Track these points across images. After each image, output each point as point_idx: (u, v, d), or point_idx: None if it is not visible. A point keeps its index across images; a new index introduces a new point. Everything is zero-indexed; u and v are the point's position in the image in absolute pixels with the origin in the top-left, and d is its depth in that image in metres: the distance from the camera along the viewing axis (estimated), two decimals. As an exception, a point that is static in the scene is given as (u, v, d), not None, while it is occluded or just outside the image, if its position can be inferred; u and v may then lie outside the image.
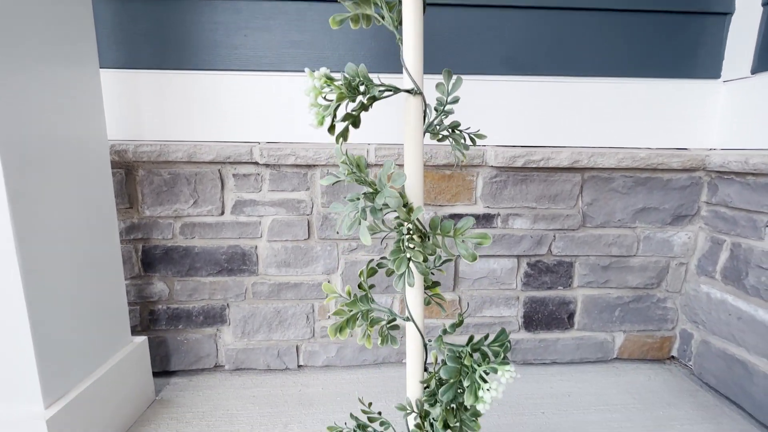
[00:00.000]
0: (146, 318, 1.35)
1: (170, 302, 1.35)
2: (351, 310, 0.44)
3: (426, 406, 0.47)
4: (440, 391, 0.39)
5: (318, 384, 1.36)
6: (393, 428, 0.50)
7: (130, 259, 1.30)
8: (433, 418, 0.46)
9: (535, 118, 1.32)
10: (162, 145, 1.22)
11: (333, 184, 0.39)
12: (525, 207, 1.35)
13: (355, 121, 0.37)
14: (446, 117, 0.49)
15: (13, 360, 0.86)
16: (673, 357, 1.50)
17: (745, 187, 1.20)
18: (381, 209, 0.36)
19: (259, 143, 1.27)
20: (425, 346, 0.47)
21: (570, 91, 1.32)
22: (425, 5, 0.44)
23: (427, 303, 0.53)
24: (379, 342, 0.51)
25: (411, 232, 0.37)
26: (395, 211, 0.38)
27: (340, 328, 0.44)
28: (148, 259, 1.31)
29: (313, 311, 1.38)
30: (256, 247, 1.33)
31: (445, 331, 0.42)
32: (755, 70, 1.22)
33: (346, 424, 0.53)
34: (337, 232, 0.63)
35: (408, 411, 0.46)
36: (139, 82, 1.25)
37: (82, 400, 0.96)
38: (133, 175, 1.26)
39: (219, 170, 1.27)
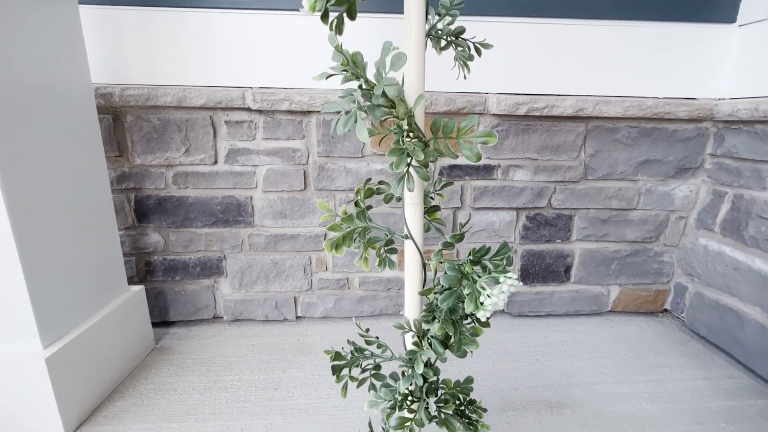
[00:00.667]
0: (143, 269, 1.35)
1: (166, 253, 1.34)
2: (348, 227, 0.42)
3: (424, 326, 0.47)
4: (440, 298, 0.38)
5: (316, 334, 1.38)
6: (390, 350, 0.50)
7: (123, 209, 1.28)
8: (432, 336, 0.45)
9: (539, 64, 1.27)
10: (150, 89, 1.17)
11: (327, 78, 0.36)
12: (526, 158, 1.32)
13: (351, 9, 0.33)
14: (450, 23, 0.45)
15: (9, 303, 0.85)
16: (666, 310, 1.52)
17: (753, 137, 1.17)
18: (379, 105, 0.33)
19: (251, 88, 1.21)
20: (424, 265, 0.46)
21: (576, 35, 1.25)
22: None
23: (426, 229, 0.51)
24: (377, 264, 0.50)
25: (410, 130, 0.34)
26: (393, 109, 0.35)
27: (336, 245, 0.42)
28: (142, 209, 1.29)
29: (311, 263, 1.38)
30: (252, 197, 1.30)
31: (445, 245, 0.41)
32: (774, 12, 1.16)
33: (343, 348, 0.53)
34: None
35: (406, 329, 0.45)
36: (122, 20, 1.17)
37: (80, 343, 0.96)
38: (121, 121, 1.21)
39: (211, 117, 1.23)
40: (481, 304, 0.36)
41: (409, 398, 0.47)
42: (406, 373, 0.45)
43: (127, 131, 1.22)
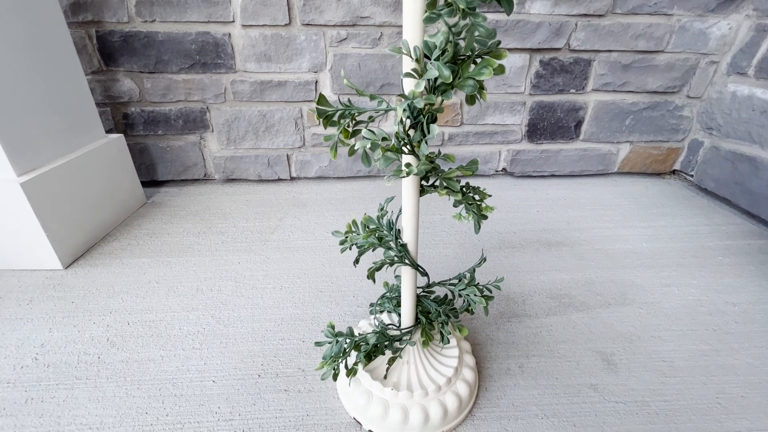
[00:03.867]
0: (121, 122, 1.25)
1: (143, 104, 1.22)
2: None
3: (427, 41, 0.38)
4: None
5: (311, 192, 1.34)
6: (386, 102, 0.42)
7: (86, 49, 1.13)
8: (436, 58, 0.37)
9: None
10: None
11: None
12: (547, -16, 1.12)
13: None
14: None
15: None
16: (674, 171, 1.46)
17: (825, -57, 0.97)
18: None
19: None
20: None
21: None
22: None
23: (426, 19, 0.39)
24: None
25: None
26: None
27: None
28: (107, 49, 1.14)
29: (302, 116, 1.27)
30: (230, 34, 1.14)
31: None
32: None
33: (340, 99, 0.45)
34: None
35: (403, 52, 0.37)
36: None
37: (57, 175, 0.91)
38: (59, -73, 0.99)
39: None
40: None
41: (407, 146, 0.41)
42: (401, 109, 0.38)
43: (70, -59, 1.01)
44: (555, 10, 1.15)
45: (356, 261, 0.56)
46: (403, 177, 0.42)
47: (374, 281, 0.55)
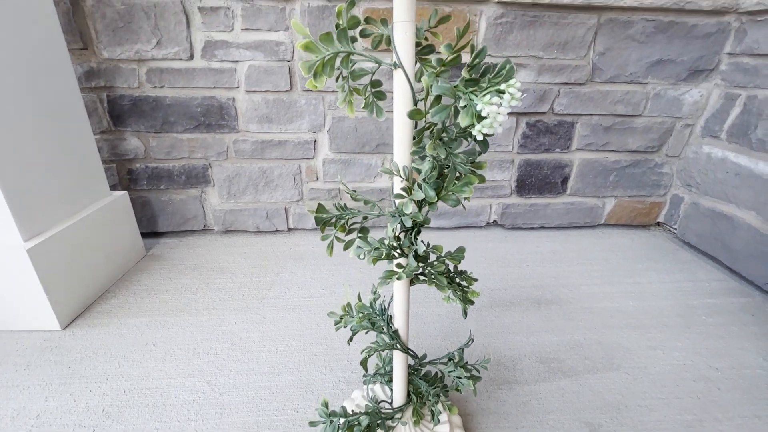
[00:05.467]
0: (125, 177, 1.29)
1: (148, 161, 1.28)
2: (327, 48, 0.36)
3: (414, 167, 0.42)
4: (431, 112, 0.33)
5: (308, 243, 1.37)
6: (379, 207, 0.46)
7: (96, 111, 1.19)
8: (423, 180, 0.41)
9: (553, -58, 1.11)
10: (108, -35, 1.02)
11: None
12: (531, 56, 1.21)
13: None
14: None
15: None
16: (659, 223, 1.52)
17: (779, 28, 1.07)
18: None
19: (225, -34, 1.06)
20: (415, 102, 0.40)
21: None
22: None
23: (418, 77, 0.45)
24: (362, 106, 0.45)
25: None
26: None
27: (315, 73, 0.37)
28: (116, 111, 1.20)
29: (301, 172, 1.33)
30: (234, 99, 1.21)
31: (442, 63, 0.35)
32: None
33: (328, 208, 0.49)
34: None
35: (394, 173, 0.41)
36: None
37: (62, 239, 0.94)
38: (80, 6, 1.08)
39: (182, 2, 1.09)
40: (479, 115, 0.31)
41: (398, 250, 0.45)
42: (393, 221, 0.42)
43: (89, 18, 1.09)
44: (539, 78, 1.24)
45: (350, 340, 0.58)
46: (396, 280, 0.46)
47: (366, 369, 0.58)
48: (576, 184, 1.42)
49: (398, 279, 0.43)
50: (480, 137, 0.32)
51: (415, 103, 0.40)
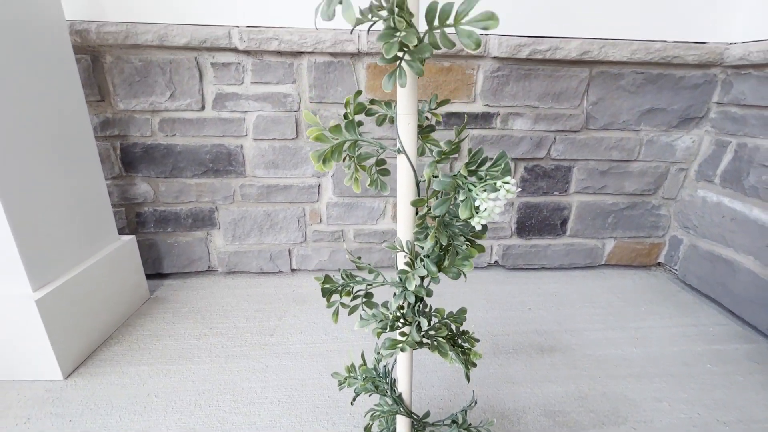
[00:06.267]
0: (133, 221, 1.32)
1: (156, 204, 1.31)
2: (336, 138, 0.40)
3: (417, 245, 0.45)
4: (433, 206, 0.35)
5: (311, 285, 1.38)
6: (383, 276, 0.48)
7: (109, 158, 1.24)
8: (425, 255, 0.44)
9: (543, 5, 1.19)
10: (129, 26, 1.09)
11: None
12: (526, 106, 1.27)
13: None
14: None
15: (-5, 247, 0.83)
16: (659, 263, 1.53)
17: (762, 81, 1.13)
18: (367, -14, 0.30)
19: (238, 26, 1.14)
20: (417, 184, 0.43)
21: (586, -30, 1.17)
22: None
23: (421, 153, 0.48)
24: (368, 183, 0.47)
25: (402, 13, 0.31)
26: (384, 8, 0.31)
27: (324, 159, 0.40)
28: (128, 158, 1.24)
29: (305, 215, 1.36)
30: (242, 146, 1.26)
31: (441, 153, 0.38)
32: (797, -56, 1.08)
33: (334, 276, 0.51)
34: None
35: (398, 249, 0.44)
36: (93, -52, 1.08)
37: (70, 288, 0.95)
38: (100, 62, 1.14)
39: (196, 58, 1.16)
40: (477, 209, 0.34)
41: (401, 321, 0.46)
42: (397, 293, 0.44)
43: (108, 73, 1.15)
44: (535, 126, 1.29)
45: (353, 400, 0.59)
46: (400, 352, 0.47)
47: None
48: (575, 225, 1.44)
49: (402, 350, 0.45)
50: (479, 227, 0.35)
51: (417, 185, 0.43)
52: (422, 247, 0.44)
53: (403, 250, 0.44)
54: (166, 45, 1.12)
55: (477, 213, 0.34)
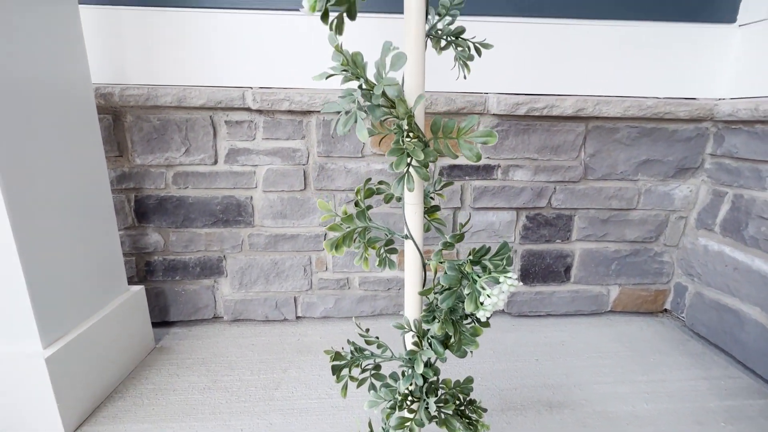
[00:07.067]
0: (143, 269, 1.35)
1: (166, 253, 1.34)
2: (348, 227, 0.42)
3: (424, 326, 0.47)
4: (440, 298, 0.38)
5: (316, 334, 1.38)
6: (390, 350, 0.50)
7: (123, 209, 1.28)
8: (432, 336, 0.45)
9: (539, 64, 1.26)
10: (150, 89, 1.17)
11: (327, 78, 0.35)
12: (526, 158, 1.32)
13: (351, 9, 0.33)
14: (450, 23, 0.45)
15: (10, 302, 0.85)
16: (666, 310, 1.52)
17: (753, 136, 1.17)
18: (379, 105, 0.33)
19: (251, 88, 1.21)
20: (424, 265, 0.46)
21: (577, 34, 1.25)
22: None
23: (426, 229, 0.51)
24: (377, 263, 0.50)
25: (410, 130, 0.34)
26: (393, 109, 0.35)
27: (337, 245, 0.42)
28: (142, 209, 1.29)
29: (311, 263, 1.38)
30: (252, 197, 1.30)
31: (445, 245, 0.41)
32: (774, 12, 1.16)
33: (343, 348, 0.53)
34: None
35: (406, 329, 0.45)
36: (122, 20, 1.17)
37: (80, 343, 0.96)
38: (121, 121, 1.21)
39: (211, 117, 1.23)
40: (481, 304, 0.36)
41: (409, 398, 0.47)
42: (406, 373, 0.45)
43: (127, 131, 1.22)
44: (535, 177, 1.33)
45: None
46: None
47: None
48: (579, 272, 1.45)
49: (410, 431, 0.45)
50: (483, 319, 0.37)
51: (424, 266, 0.45)
52: (429, 327, 0.45)
53: (411, 330, 0.46)
54: (184, 105, 1.19)
55: (482, 306, 0.36)
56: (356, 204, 0.45)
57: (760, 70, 1.19)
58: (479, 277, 0.38)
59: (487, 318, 0.38)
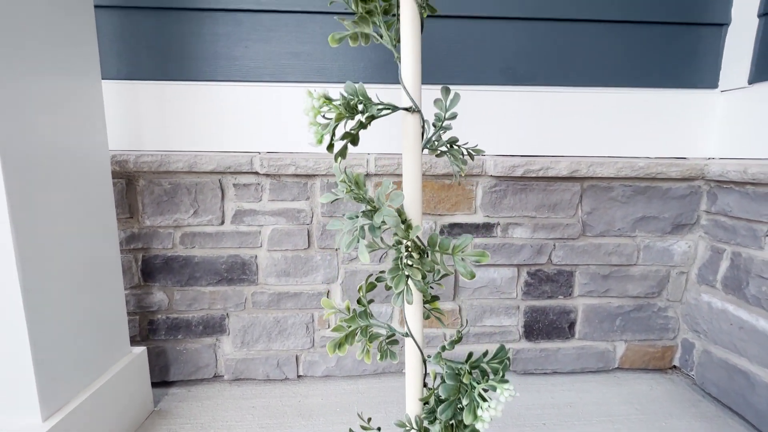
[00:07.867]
0: (145, 328, 1.35)
1: (169, 312, 1.34)
2: (350, 326, 0.44)
3: (425, 423, 0.47)
4: (439, 409, 0.39)
5: (318, 394, 1.35)
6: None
7: (130, 269, 1.30)
8: (433, 436, 0.46)
9: (534, 128, 1.33)
10: (163, 156, 1.23)
11: (332, 202, 0.39)
12: (525, 216, 1.35)
13: (354, 139, 0.37)
14: (444, 132, 0.49)
15: (11, 371, 0.86)
16: (675, 367, 1.49)
17: (744, 197, 1.20)
18: (379, 227, 0.36)
19: (259, 153, 1.27)
20: (424, 362, 0.47)
21: (569, 100, 1.32)
22: (423, 25, 0.44)
23: (426, 317, 0.53)
24: (378, 358, 0.51)
25: (409, 249, 0.37)
26: (394, 228, 0.38)
27: (339, 344, 0.44)
28: (148, 268, 1.31)
29: (313, 321, 1.38)
30: (256, 256, 1.33)
31: (444, 348, 0.42)
32: (752, 81, 1.23)
33: (345, 440, 0.53)
34: (336, 250, 0.63)
35: (407, 428, 0.46)
36: (140, 93, 1.26)
37: (80, 413, 0.95)
38: (133, 185, 1.26)
39: (219, 180, 1.28)
40: (480, 416, 0.37)
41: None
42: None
43: (139, 194, 1.26)
44: (534, 234, 1.36)
45: None
46: None
47: None
48: (583, 328, 1.44)
49: None
50: (482, 430, 0.38)
51: (425, 362, 0.47)
52: (430, 427, 0.46)
53: (413, 428, 0.46)
54: (195, 170, 1.24)
55: (480, 419, 0.37)
56: (358, 301, 0.47)
57: (743, 132, 1.25)
58: (477, 383, 0.40)
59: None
